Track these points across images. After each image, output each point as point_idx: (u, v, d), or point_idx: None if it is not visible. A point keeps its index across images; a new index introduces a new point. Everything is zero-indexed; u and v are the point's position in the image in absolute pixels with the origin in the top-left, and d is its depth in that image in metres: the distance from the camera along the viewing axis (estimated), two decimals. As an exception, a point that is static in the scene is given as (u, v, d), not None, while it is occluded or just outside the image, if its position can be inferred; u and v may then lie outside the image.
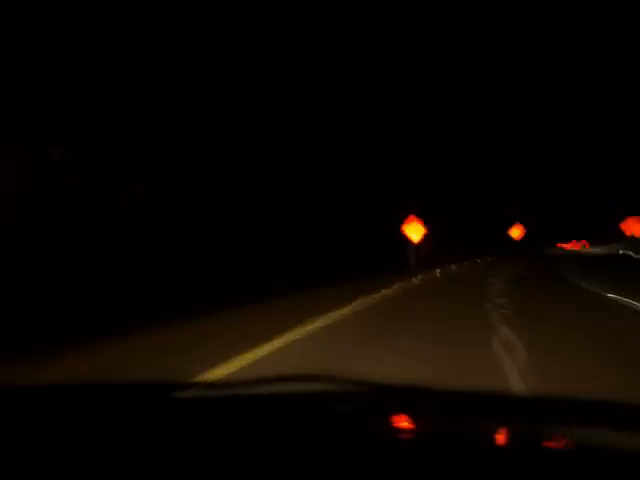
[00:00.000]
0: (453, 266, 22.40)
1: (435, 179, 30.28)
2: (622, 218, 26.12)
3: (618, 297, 9.53)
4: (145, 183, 12.40)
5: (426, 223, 21.15)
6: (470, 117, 37.81)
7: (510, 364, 4.43)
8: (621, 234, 27.97)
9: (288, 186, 18.29)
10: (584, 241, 75.22)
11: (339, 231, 20.14)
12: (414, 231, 20.89)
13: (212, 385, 1.50)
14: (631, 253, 33.42)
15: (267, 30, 18.58)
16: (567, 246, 78.54)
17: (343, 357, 4.96)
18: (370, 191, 23.20)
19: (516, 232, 42.82)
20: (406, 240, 21.09)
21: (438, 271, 18.92)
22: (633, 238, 27.10)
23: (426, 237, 21.22)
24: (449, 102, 34.35)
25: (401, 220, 21.24)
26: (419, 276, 16.46)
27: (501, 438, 1.06)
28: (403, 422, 1.17)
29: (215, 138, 14.61)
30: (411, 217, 21.06)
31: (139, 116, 11.95)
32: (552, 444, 1.01)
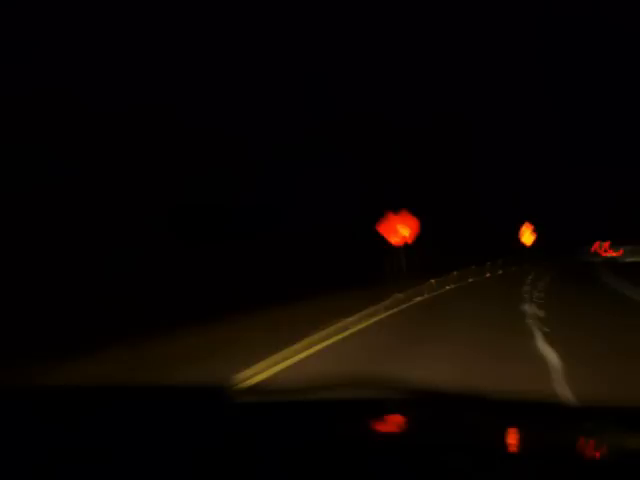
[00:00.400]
0: (454, 274, 19.05)
1: (435, 179, 30.27)
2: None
3: None
4: (144, 184, 12.38)
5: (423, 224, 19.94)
6: (470, 117, 37.75)
7: None
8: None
9: (288, 186, 18.28)
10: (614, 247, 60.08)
11: (335, 236, 19.59)
12: (394, 232, 16.02)
13: (270, 391, 1.53)
14: None
15: (267, 30, 18.58)
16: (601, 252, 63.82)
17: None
18: (370, 191, 23.19)
19: (528, 236, 39.96)
20: (386, 244, 16.44)
21: (425, 293, 14.10)
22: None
23: (418, 240, 18.18)
24: (449, 102, 34.36)
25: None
26: (397, 295, 12.42)
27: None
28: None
29: (215, 138, 14.61)
30: (389, 214, 16.14)
31: (139, 116, 11.94)
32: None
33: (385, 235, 16.15)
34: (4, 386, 1.44)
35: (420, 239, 17.75)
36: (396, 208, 19.69)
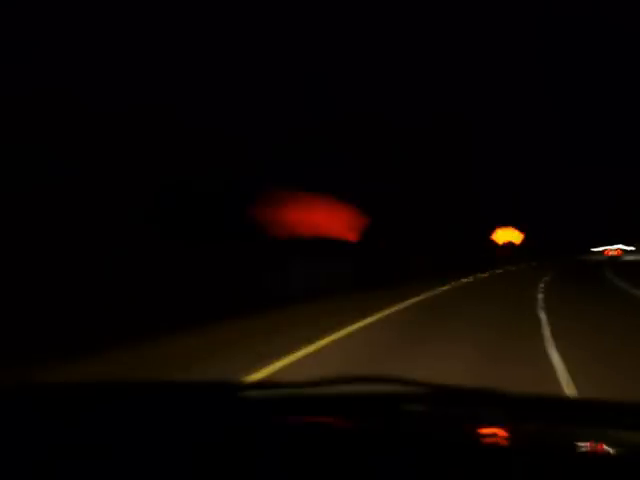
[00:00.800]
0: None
1: (435, 179, 30.21)
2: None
3: None
4: (144, 184, 12.36)
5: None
6: (470, 117, 37.68)
7: None
8: None
9: (288, 186, 18.25)
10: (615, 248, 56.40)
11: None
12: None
13: (277, 385, 1.51)
14: None
15: (267, 30, 18.55)
16: (607, 252, 57.77)
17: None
18: (370, 192, 23.15)
19: (502, 236, 39.55)
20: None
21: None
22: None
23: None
24: (449, 102, 34.30)
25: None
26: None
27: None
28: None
29: (215, 138, 14.57)
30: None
31: (139, 116, 11.91)
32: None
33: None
34: (4, 384, 1.42)
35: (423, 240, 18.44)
36: (396, 208, 19.68)
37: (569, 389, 4.96)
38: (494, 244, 41.13)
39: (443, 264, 27.19)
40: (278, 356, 6.59)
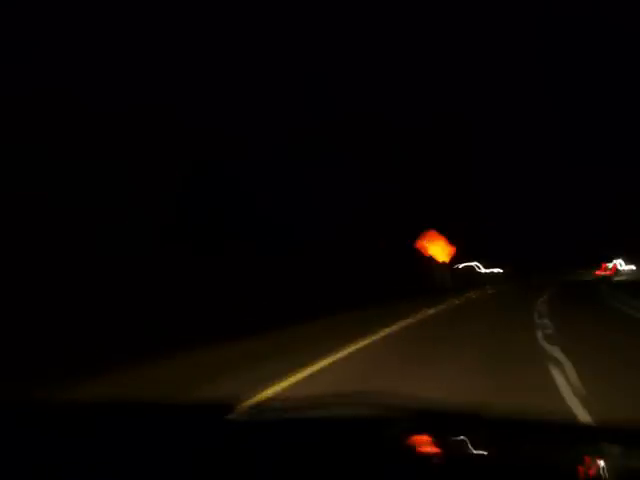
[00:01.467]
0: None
1: (435, 179, 30.18)
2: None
3: None
4: (144, 185, 12.33)
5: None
6: (470, 117, 37.69)
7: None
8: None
9: (288, 186, 18.25)
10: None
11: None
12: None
13: (264, 408, 1.54)
14: None
15: (267, 30, 18.57)
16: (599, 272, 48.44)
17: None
18: (370, 192, 23.12)
19: (436, 250, 25.09)
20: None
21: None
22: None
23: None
24: (449, 102, 34.29)
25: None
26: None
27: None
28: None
29: (215, 138, 14.56)
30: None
31: (139, 116, 11.90)
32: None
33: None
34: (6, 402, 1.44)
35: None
36: (396, 208, 19.53)
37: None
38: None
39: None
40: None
